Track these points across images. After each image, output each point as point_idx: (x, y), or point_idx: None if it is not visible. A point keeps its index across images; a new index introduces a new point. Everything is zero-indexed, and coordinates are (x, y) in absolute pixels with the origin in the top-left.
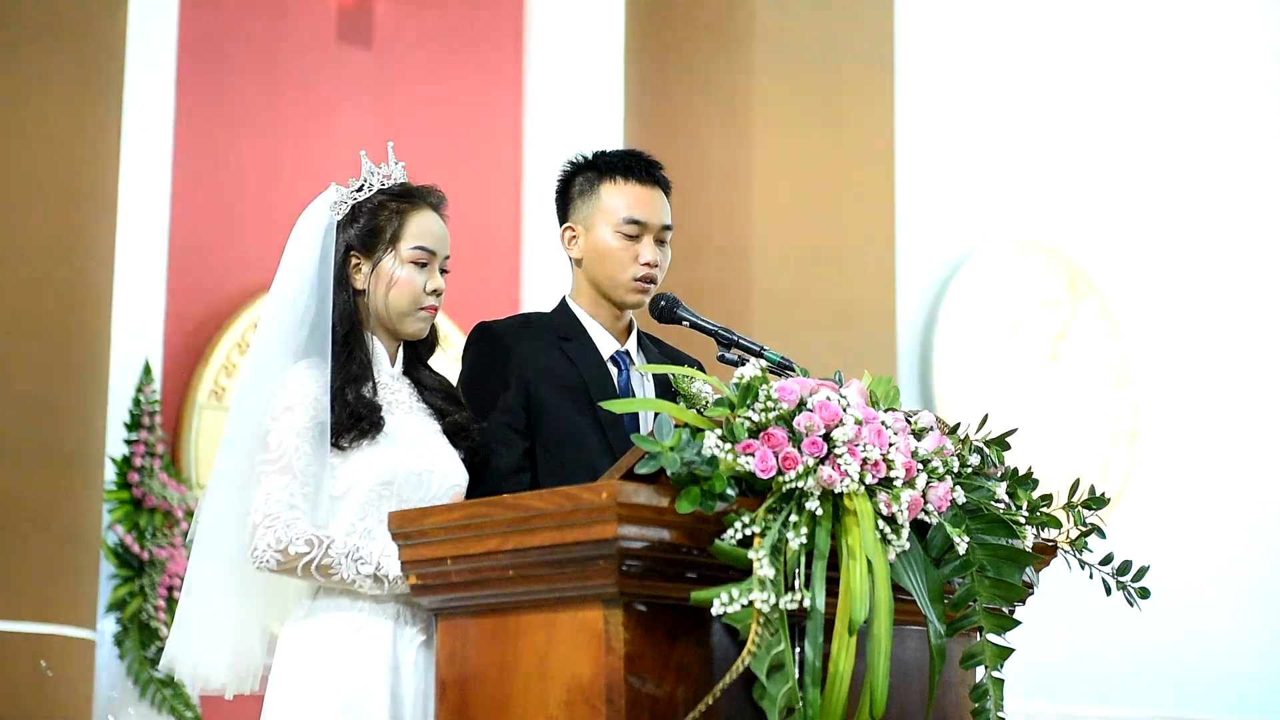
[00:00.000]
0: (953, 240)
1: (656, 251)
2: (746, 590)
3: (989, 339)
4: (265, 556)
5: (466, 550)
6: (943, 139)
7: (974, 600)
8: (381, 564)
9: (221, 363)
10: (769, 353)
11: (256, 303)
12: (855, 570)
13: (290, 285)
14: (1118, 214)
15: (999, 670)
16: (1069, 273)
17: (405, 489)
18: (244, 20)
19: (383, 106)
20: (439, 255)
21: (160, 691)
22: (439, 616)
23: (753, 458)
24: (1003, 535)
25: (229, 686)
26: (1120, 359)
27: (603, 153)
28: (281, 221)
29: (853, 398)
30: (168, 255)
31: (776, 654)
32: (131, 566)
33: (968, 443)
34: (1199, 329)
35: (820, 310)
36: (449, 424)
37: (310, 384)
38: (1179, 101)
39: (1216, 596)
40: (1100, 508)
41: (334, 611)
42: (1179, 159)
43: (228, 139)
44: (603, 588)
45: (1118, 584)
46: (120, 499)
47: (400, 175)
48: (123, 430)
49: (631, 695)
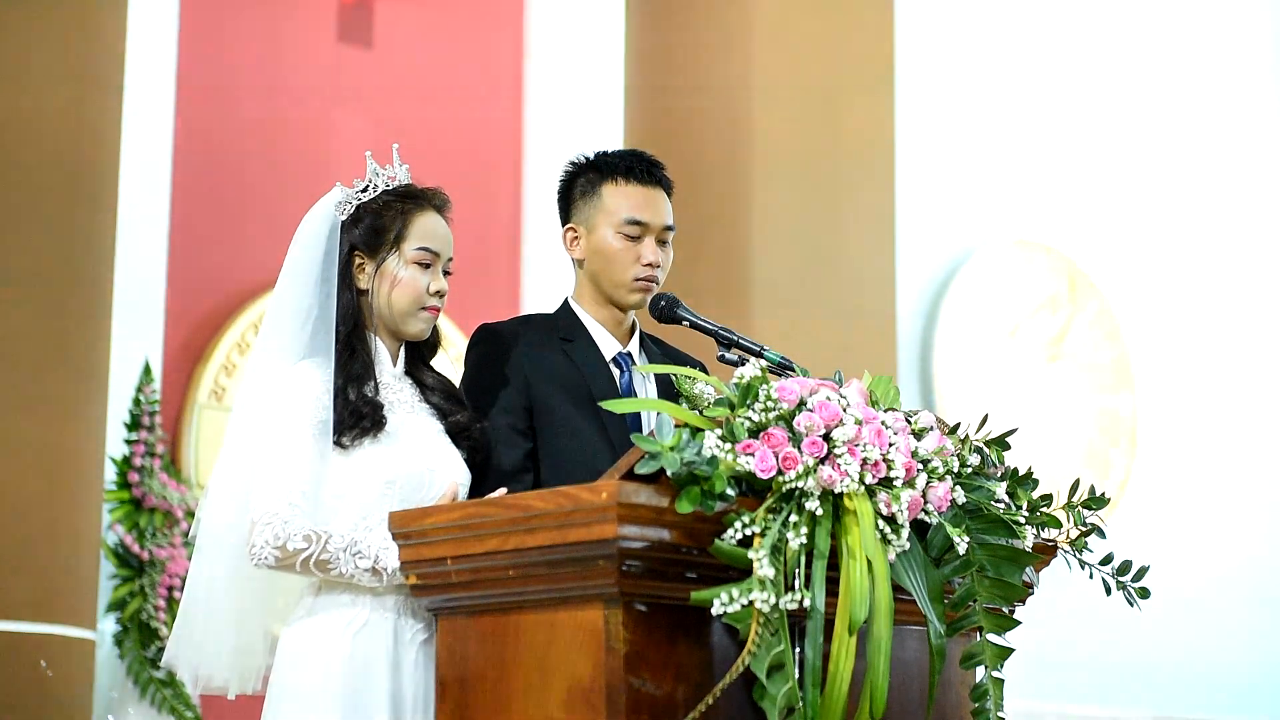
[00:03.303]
0: (953, 240)
1: (658, 252)
2: (746, 590)
3: (989, 339)
4: (264, 553)
5: (466, 550)
6: (943, 139)
7: (974, 600)
8: (380, 557)
9: (221, 363)
10: (769, 353)
11: (256, 303)
12: (855, 570)
13: (294, 284)
14: (1118, 214)
15: (999, 670)
16: (1069, 273)
17: (407, 488)
18: (244, 20)
19: (383, 106)
20: (442, 256)
21: (160, 691)
22: (439, 616)
23: (753, 458)
24: (1003, 535)
25: (231, 686)
26: (1120, 359)
27: (604, 153)
28: (282, 221)
29: (853, 398)
30: (168, 255)
31: (776, 654)
32: (131, 566)
33: (968, 443)
34: (1199, 329)
35: (820, 310)
36: (451, 424)
37: (313, 382)
38: (1179, 101)
39: (1216, 596)
40: (1100, 508)
41: (335, 610)
42: (1179, 159)
43: (228, 138)
44: (603, 588)
45: (1118, 584)
46: (120, 499)
47: (405, 176)
48: (123, 430)
49: (631, 695)
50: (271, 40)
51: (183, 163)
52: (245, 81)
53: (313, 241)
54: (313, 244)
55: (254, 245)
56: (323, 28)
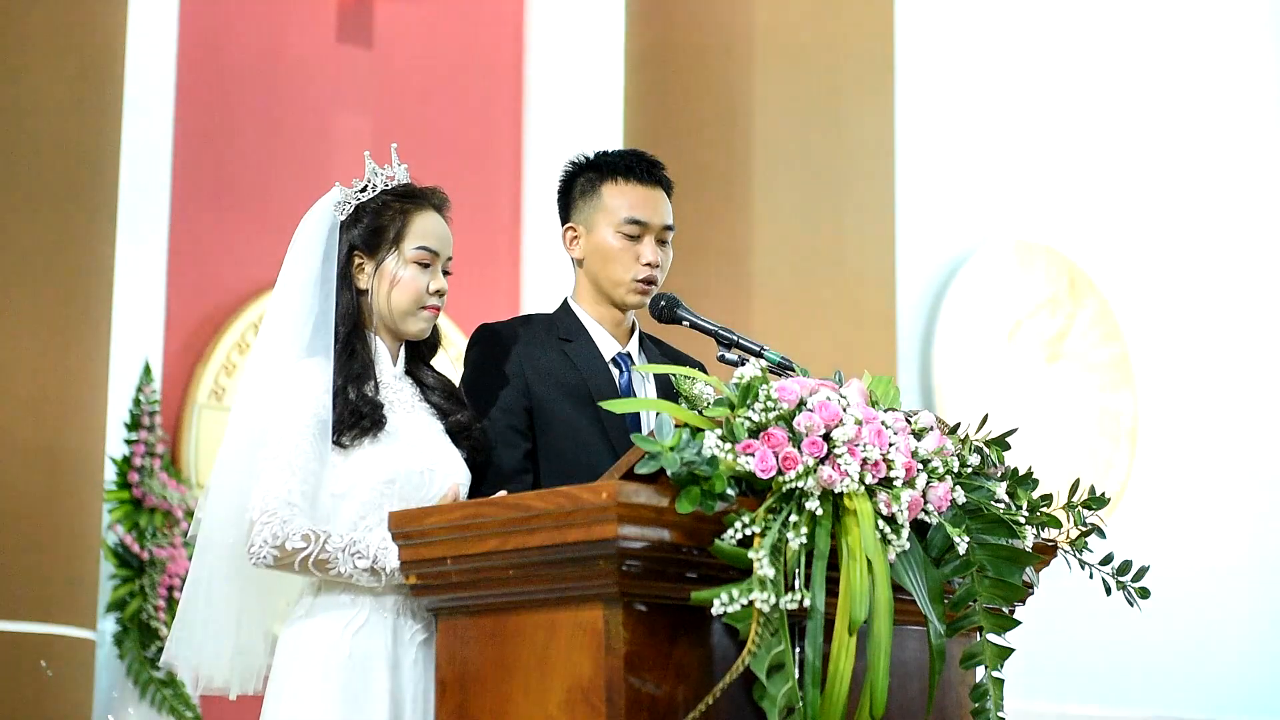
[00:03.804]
0: (953, 240)
1: (658, 252)
2: (746, 590)
3: (989, 339)
4: (262, 552)
5: (466, 550)
6: (943, 139)
7: (974, 600)
8: (379, 557)
9: (221, 363)
10: (769, 353)
11: (256, 303)
12: (855, 570)
13: (294, 284)
14: (1118, 214)
15: (999, 670)
16: (1069, 273)
17: (407, 488)
18: (244, 20)
19: (383, 106)
20: (442, 256)
21: (160, 691)
22: (439, 616)
23: (753, 458)
24: (1003, 535)
25: (231, 686)
26: (1120, 359)
27: (604, 153)
28: (281, 222)
29: (853, 398)
30: (168, 255)
31: (776, 654)
32: (131, 566)
33: (968, 443)
34: (1199, 329)
35: (820, 310)
36: (451, 424)
37: (313, 382)
38: (1179, 102)
39: (1216, 596)
40: (1100, 508)
41: (334, 610)
42: (1178, 159)
43: (228, 139)
44: (603, 588)
45: (1118, 584)
46: (120, 499)
47: (403, 176)
48: (123, 430)
49: (631, 695)
50: (271, 40)
51: (183, 163)
52: (245, 81)
53: (311, 242)
54: (311, 244)
55: (254, 245)
56: (322, 27)
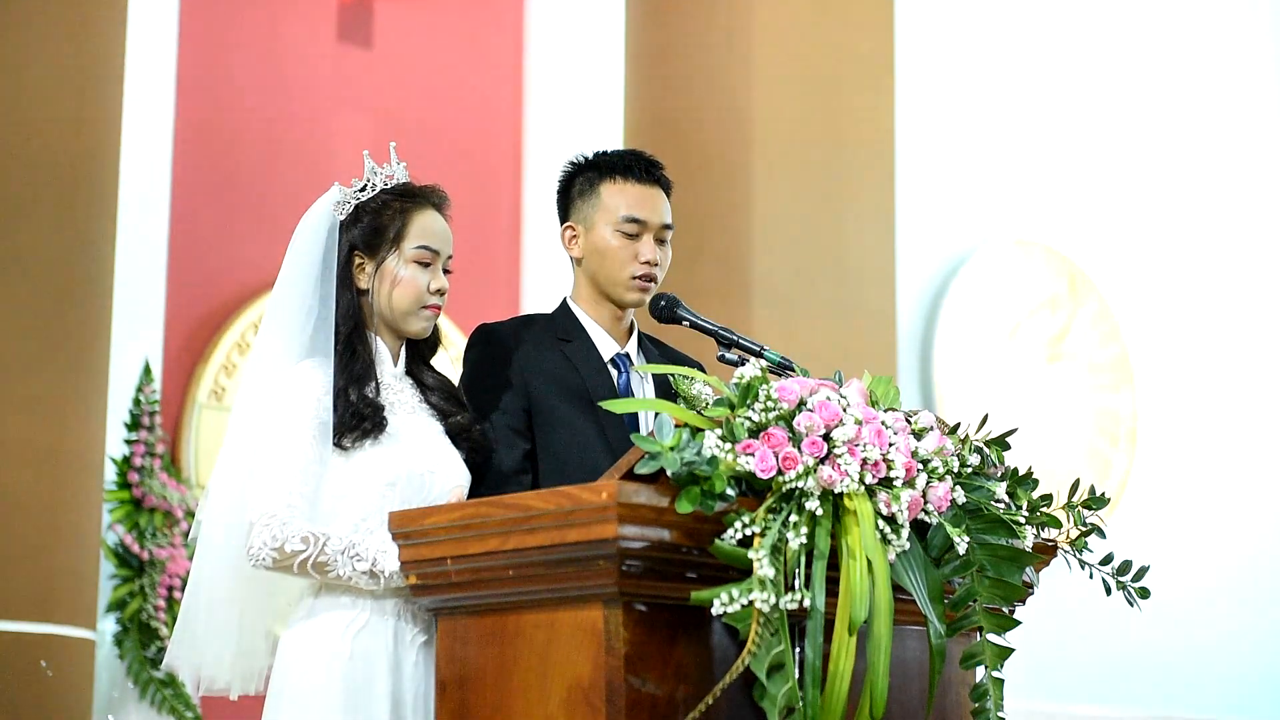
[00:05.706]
0: (953, 240)
1: (656, 250)
2: (746, 590)
3: (989, 339)
4: (261, 554)
5: (466, 550)
6: (943, 139)
7: (974, 600)
8: (378, 560)
9: (221, 363)
10: (769, 353)
11: (256, 303)
12: (855, 570)
13: (293, 285)
14: (1118, 214)
15: (999, 670)
16: (1069, 273)
17: (408, 490)
18: (244, 20)
19: (383, 106)
20: (442, 255)
21: (160, 691)
22: (439, 616)
23: (753, 458)
24: (1003, 535)
25: (233, 687)
26: (1120, 359)
27: (603, 152)
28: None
29: (853, 398)
30: (168, 255)
31: (776, 654)
32: (131, 566)
33: (968, 443)
34: (1199, 329)
35: (820, 310)
36: (451, 424)
37: (313, 383)
38: (1179, 101)
39: (1216, 596)
40: (1100, 508)
41: (335, 611)
42: (1178, 159)
43: (228, 138)
44: (603, 588)
45: (1118, 584)
46: (120, 499)
47: (403, 175)
48: (123, 430)
49: (631, 695)
50: (271, 40)
51: (183, 162)
52: (245, 81)
53: (311, 242)
54: (311, 244)
55: (254, 245)
56: (323, 27)
